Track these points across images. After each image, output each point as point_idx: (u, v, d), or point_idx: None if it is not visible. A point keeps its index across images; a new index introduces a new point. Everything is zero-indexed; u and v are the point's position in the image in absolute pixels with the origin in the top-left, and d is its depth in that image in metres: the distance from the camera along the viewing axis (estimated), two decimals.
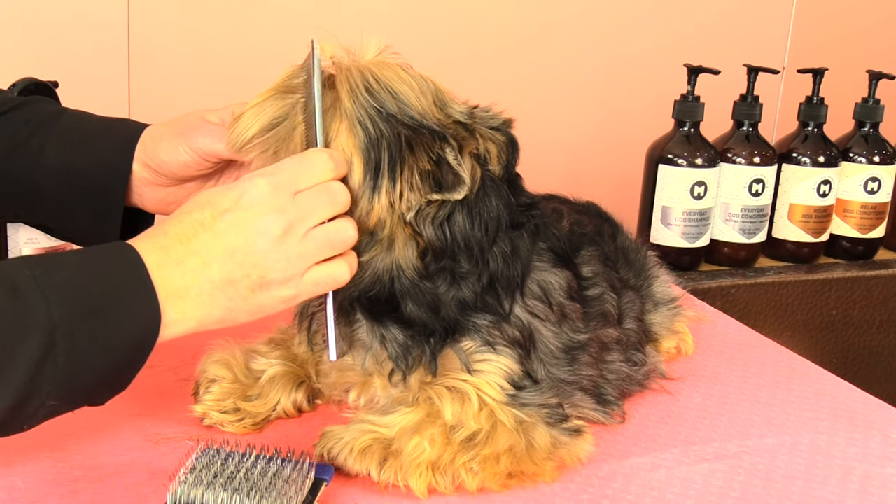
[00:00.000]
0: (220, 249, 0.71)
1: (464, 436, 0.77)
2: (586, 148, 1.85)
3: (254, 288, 0.72)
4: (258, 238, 0.72)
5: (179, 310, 0.70)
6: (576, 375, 0.87)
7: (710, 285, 1.54)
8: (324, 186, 0.75)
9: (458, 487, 0.77)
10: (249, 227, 0.72)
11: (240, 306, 0.73)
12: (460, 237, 0.79)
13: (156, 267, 0.69)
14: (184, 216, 0.73)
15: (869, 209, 1.69)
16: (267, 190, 0.73)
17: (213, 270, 0.71)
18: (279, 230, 0.72)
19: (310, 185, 0.74)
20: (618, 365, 0.94)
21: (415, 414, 0.78)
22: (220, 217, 0.72)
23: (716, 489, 0.81)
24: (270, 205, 0.72)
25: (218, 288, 0.71)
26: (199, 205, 0.73)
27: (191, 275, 0.70)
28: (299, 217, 0.73)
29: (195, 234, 0.71)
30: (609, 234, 1.05)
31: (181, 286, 0.70)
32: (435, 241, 0.78)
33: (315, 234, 0.74)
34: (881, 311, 1.68)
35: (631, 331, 0.97)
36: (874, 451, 0.90)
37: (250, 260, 0.72)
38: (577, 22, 1.83)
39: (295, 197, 0.73)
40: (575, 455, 0.81)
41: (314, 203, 0.74)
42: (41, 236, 1.06)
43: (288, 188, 0.74)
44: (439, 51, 1.72)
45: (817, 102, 1.65)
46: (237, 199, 0.73)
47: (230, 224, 0.72)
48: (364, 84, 0.78)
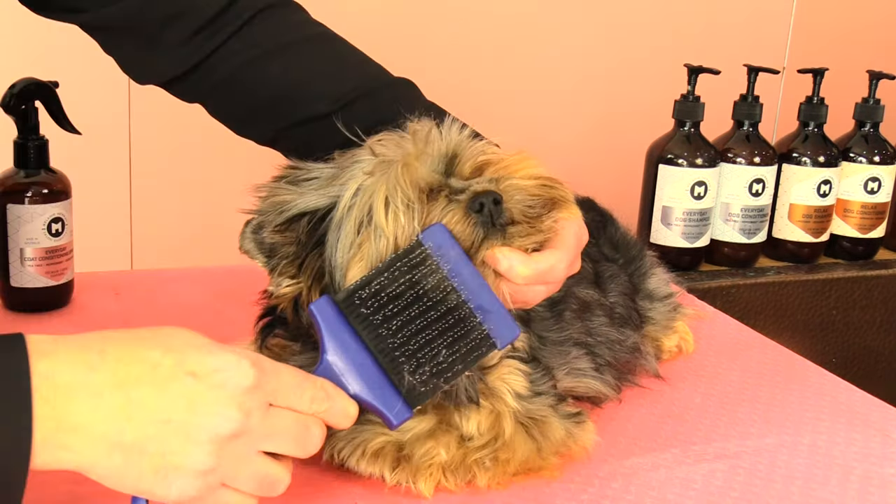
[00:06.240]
0: (154, 410, 0.58)
1: (479, 444, 0.77)
2: (586, 148, 1.85)
3: (158, 471, 0.59)
4: (201, 428, 0.59)
5: (64, 444, 0.57)
6: (565, 333, 0.87)
7: (710, 285, 1.54)
8: (301, 420, 0.64)
9: (461, 486, 0.77)
10: (202, 409, 0.59)
11: (130, 478, 0.59)
12: None
13: (64, 386, 0.57)
14: (140, 346, 0.60)
15: (869, 209, 1.70)
16: (247, 382, 0.61)
17: (131, 427, 0.58)
18: (227, 433, 0.60)
19: (289, 408, 0.64)
20: (605, 329, 0.93)
21: (428, 420, 0.78)
22: (180, 377, 0.59)
23: (716, 489, 0.81)
24: (239, 401, 0.60)
25: (122, 447, 0.58)
26: (166, 344, 0.61)
27: (101, 415, 0.57)
28: (257, 433, 0.62)
29: (139, 378, 0.59)
30: (599, 223, 1.05)
31: (83, 422, 0.57)
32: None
33: (255, 462, 0.62)
34: (881, 311, 1.68)
35: (617, 304, 0.97)
36: (874, 451, 0.89)
37: (177, 443, 0.59)
38: (577, 22, 1.83)
39: (268, 409, 0.62)
40: (582, 445, 0.81)
41: (280, 429, 0.63)
42: (41, 236, 1.06)
43: (269, 396, 0.62)
44: (440, 51, 1.72)
45: (817, 102, 1.65)
46: (211, 370, 0.60)
47: (185, 391, 0.59)
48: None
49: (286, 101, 0.89)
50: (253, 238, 0.77)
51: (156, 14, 0.87)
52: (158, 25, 0.88)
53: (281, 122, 0.90)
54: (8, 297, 1.09)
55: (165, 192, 1.65)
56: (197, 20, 0.88)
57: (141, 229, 1.65)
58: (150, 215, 1.65)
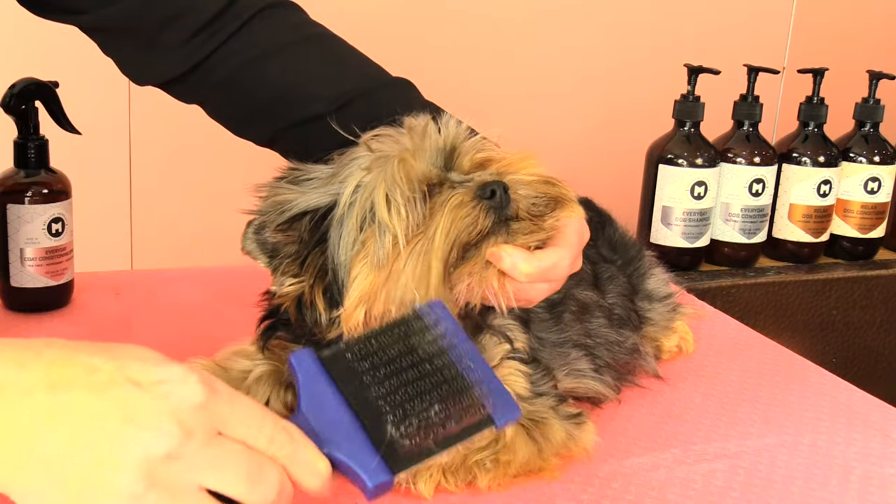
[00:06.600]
0: (87, 418, 0.51)
1: (480, 445, 0.77)
2: (586, 148, 1.85)
3: (81, 493, 0.51)
4: (134, 441, 0.51)
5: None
6: (564, 334, 0.87)
7: (710, 285, 1.54)
8: (254, 457, 0.54)
9: (461, 487, 0.77)
10: (138, 419, 0.51)
11: (50, 501, 0.51)
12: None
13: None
14: (82, 351, 0.54)
15: (869, 209, 1.70)
16: (195, 399, 0.53)
17: (56, 437, 0.51)
18: (162, 451, 0.51)
19: (242, 442, 0.54)
20: (604, 330, 0.94)
21: None
22: (120, 383, 0.52)
23: (716, 489, 0.81)
24: (181, 417, 0.52)
25: (45, 460, 0.51)
26: (111, 353, 0.54)
27: (27, 420, 0.51)
28: (198, 461, 0.52)
29: (72, 381, 0.52)
30: (597, 224, 1.05)
31: (3, 428, 0.51)
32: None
33: (193, 499, 0.52)
34: (881, 312, 1.68)
35: (616, 305, 0.97)
36: (874, 451, 0.89)
37: (106, 457, 0.51)
38: (577, 22, 1.83)
39: (215, 436, 0.53)
40: (582, 445, 0.81)
41: (226, 462, 0.53)
42: (41, 236, 1.06)
43: (218, 421, 0.53)
44: (439, 51, 1.72)
45: (817, 102, 1.65)
46: (156, 380, 0.53)
47: (122, 398, 0.52)
48: None
49: (284, 101, 0.89)
50: (255, 239, 0.77)
51: (154, 15, 0.87)
52: (157, 26, 0.88)
53: (279, 123, 0.90)
54: (8, 297, 1.09)
55: (165, 192, 1.65)
56: (196, 21, 0.88)
57: (141, 229, 1.65)
58: (150, 215, 1.65)
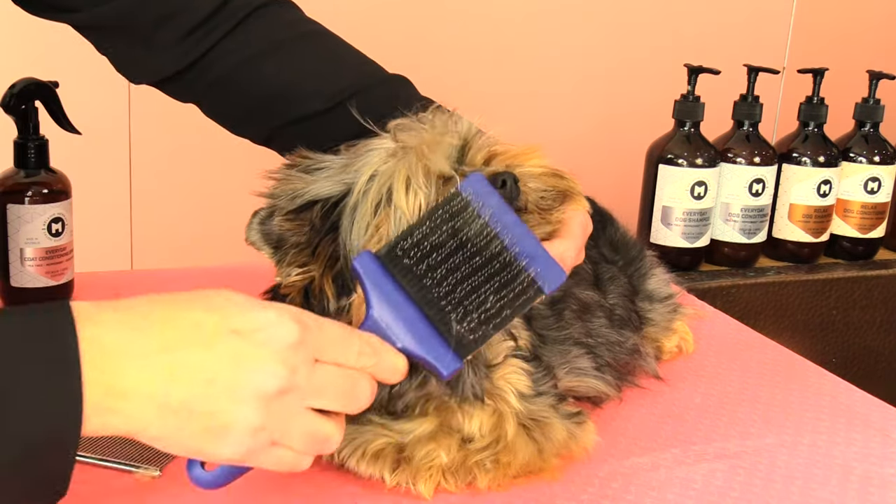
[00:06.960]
0: (200, 370, 0.58)
1: (480, 445, 0.77)
2: (586, 148, 1.85)
3: (208, 431, 0.59)
4: (247, 385, 0.59)
5: (114, 409, 0.57)
6: (565, 332, 0.88)
7: (710, 285, 1.54)
8: (349, 375, 0.63)
9: (461, 488, 0.77)
10: (247, 366, 0.59)
11: (181, 439, 0.59)
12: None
13: (112, 350, 0.57)
14: (182, 307, 0.60)
15: (869, 209, 1.69)
16: (291, 338, 0.60)
17: (178, 388, 0.58)
18: (273, 389, 0.59)
19: (336, 363, 0.63)
20: (605, 330, 0.94)
21: (429, 423, 0.78)
22: (224, 335, 0.59)
23: (716, 489, 0.81)
24: (284, 356, 0.59)
25: (171, 409, 0.58)
26: (208, 304, 0.60)
27: (148, 377, 0.57)
28: (304, 389, 0.61)
29: (183, 339, 0.58)
30: (598, 224, 1.05)
31: (131, 386, 0.57)
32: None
33: (305, 419, 0.62)
34: (881, 312, 1.68)
35: (617, 306, 0.98)
36: (874, 451, 0.89)
37: (224, 401, 0.58)
38: (577, 22, 1.83)
39: (314, 365, 0.61)
40: (582, 445, 0.82)
41: (327, 384, 0.62)
42: (41, 236, 1.06)
43: (314, 351, 0.61)
44: (439, 50, 1.72)
45: (817, 102, 1.65)
46: (254, 327, 0.60)
47: (229, 350, 0.59)
48: None
49: (281, 99, 0.89)
50: (259, 229, 0.77)
51: (149, 13, 0.87)
52: (151, 25, 0.88)
53: (276, 121, 0.90)
54: (8, 297, 1.09)
55: (165, 192, 1.65)
56: (190, 19, 0.87)
57: (141, 229, 1.65)
58: (150, 215, 1.65)
